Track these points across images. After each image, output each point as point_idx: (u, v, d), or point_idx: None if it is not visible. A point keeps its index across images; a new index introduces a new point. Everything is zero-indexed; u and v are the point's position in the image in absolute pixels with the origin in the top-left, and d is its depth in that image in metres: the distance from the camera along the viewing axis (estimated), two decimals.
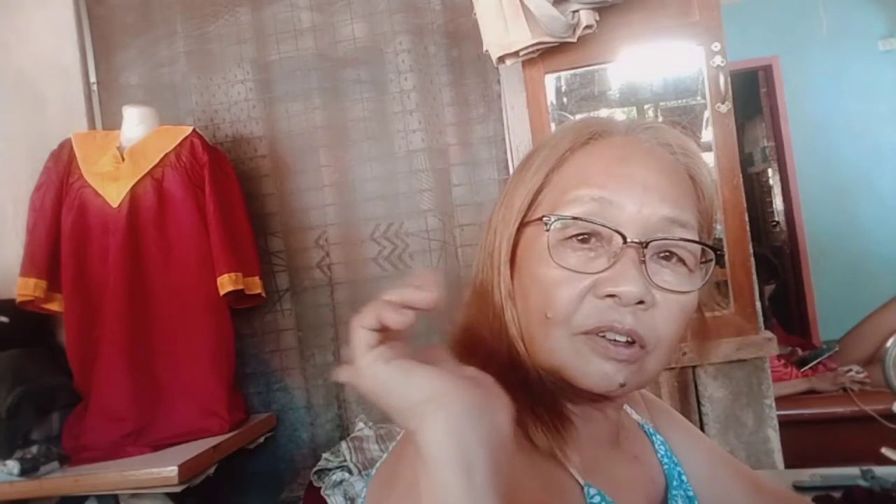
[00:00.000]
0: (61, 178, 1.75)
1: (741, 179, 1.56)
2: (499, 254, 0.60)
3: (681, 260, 0.57)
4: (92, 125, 2.02)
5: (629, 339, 0.54)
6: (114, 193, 1.72)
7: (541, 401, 0.56)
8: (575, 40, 1.51)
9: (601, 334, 0.54)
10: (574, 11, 1.47)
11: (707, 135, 1.57)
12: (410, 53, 1.92)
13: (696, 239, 0.57)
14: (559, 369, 0.56)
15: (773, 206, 4.28)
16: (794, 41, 3.76)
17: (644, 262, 0.54)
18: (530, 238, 0.59)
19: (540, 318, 0.56)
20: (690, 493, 0.68)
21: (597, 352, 0.54)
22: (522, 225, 0.59)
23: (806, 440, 1.87)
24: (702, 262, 0.59)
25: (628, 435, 0.68)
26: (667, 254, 0.56)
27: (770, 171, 4.24)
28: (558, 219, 0.56)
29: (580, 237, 0.56)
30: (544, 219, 0.56)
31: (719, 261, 0.60)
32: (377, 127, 1.94)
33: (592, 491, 0.56)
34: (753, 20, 3.63)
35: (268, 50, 1.98)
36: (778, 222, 4.21)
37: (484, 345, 0.58)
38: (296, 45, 1.97)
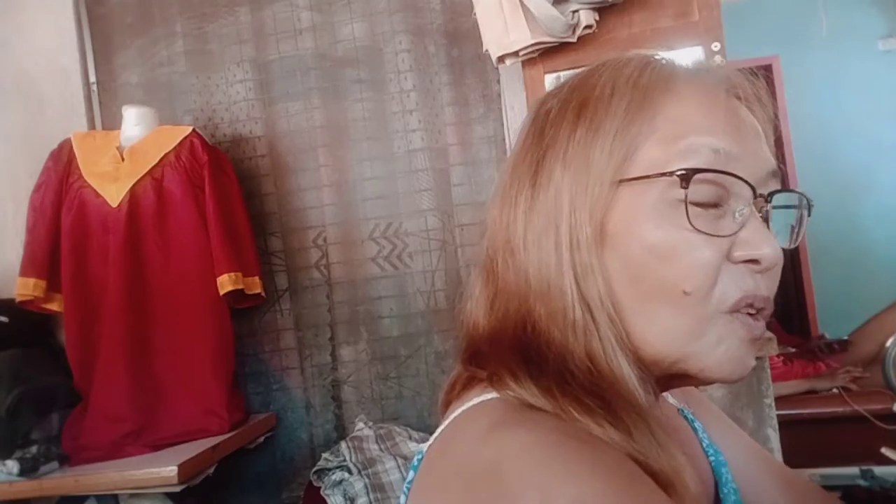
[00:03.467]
0: (61, 178, 1.75)
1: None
2: (579, 227, 0.48)
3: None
4: (92, 125, 2.02)
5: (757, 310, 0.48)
6: (113, 193, 1.71)
7: (643, 412, 0.46)
8: (575, 40, 1.51)
9: (744, 310, 0.47)
10: (574, 11, 1.47)
11: None
12: (410, 53, 1.92)
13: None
14: (681, 359, 0.48)
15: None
16: (794, 41, 3.76)
17: (766, 219, 0.49)
18: (634, 200, 0.48)
19: (673, 297, 0.47)
20: (734, 486, 0.61)
21: (739, 334, 0.47)
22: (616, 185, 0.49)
23: (806, 440, 1.86)
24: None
25: (673, 424, 0.61)
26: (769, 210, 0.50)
27: None
28: (699, 171, 0.46)
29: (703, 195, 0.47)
30: (677, 172, 0.46)
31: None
32: (377, 127, 1.94)
33: None
34: (753, 20, 3.63)
35: (267, 50, 1.98)
36: None
37: (552, 344, 0.48)
38: (295, 44, 1.97)
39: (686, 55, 1.59)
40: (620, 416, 0.44)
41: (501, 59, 1.56)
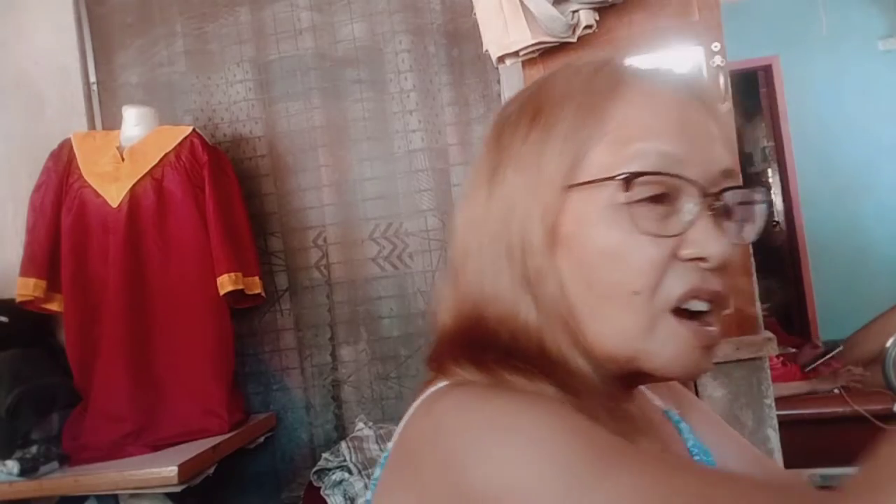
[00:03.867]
0: (61, 178, 1.75)
1: (741, 180, 1.56)
2: (531, 232, 0.50)
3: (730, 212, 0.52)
4: (92, 125, 2.02)
5: (710, 306, 0.49)
6: (113, 193, 1.72)
7: (602, 400, 0.48)
8: (575, 40, 1.51)
9: (692, 305, 0.49)
10: (574, 11, 1.47)
11: None
12: (410, 53, 1.92)
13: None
14: (634, 357, 0.49)
15: (773, 205, 4.27)
16: (794, 41, 3.76)
17: (717, 217, 0.50)
18: (583, 204, 0.49)
19: (623, 297, 0.48)
20: None
21: (687, 339, 0.49)
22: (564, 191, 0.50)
23: (806, 440, 1.86)
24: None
25: (647, 417, 0.62)
26: (724, 206, 0.51)
27: (770, 171, 4.24)
28: (641, 174, 0.47)
29: (653, 196, 0.48)
30: (619, 177, 0.47)
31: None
32: (377, 127, 1.94)
33: None
34: (753, 20, 3.63)
35: (267, 50, 1.98)
36: (778, 222, 4.21)
37: (500, 341, 0.50)
38: (295, 44, 1.97)
39: (686, 55, 1.59)
40: (569, 384, 0.46)
41: (501, 59, 1.56)
